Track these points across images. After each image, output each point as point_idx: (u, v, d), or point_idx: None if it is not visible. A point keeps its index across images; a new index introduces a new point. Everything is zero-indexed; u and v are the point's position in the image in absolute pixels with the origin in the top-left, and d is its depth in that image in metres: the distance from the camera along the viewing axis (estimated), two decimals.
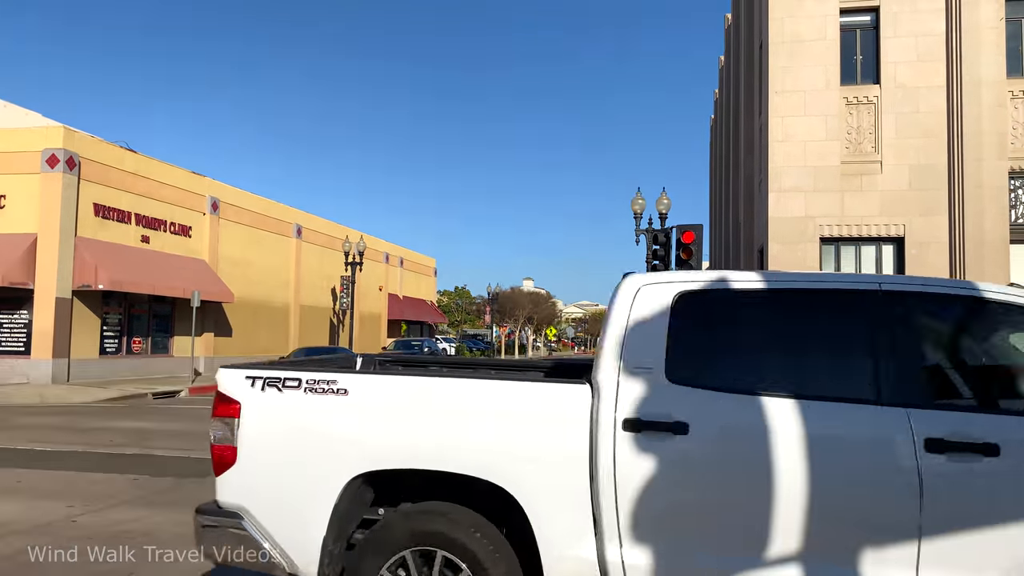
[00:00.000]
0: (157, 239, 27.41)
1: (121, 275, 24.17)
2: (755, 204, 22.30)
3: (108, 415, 16.35)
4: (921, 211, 17.88)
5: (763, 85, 20.20)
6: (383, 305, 47.59)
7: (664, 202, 21.29)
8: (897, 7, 18.26)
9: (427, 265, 57.56)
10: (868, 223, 18.12)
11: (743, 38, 26.10)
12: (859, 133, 18.39)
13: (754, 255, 22.44)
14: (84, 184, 24.08)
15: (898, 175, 18.04)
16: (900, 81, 18.17)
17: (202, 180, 30.40)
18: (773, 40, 18.85)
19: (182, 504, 7.83)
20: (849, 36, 18.67)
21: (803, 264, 18.26)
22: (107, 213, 25.06)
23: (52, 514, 7.29)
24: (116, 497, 8.09)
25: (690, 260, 18.08)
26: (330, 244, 40.69)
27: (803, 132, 18.48)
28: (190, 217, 29.28)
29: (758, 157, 21.62)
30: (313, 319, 39.09)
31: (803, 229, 18.35)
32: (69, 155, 23.42)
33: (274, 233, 35.55)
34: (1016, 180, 17.94)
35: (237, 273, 31.90)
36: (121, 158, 26.01)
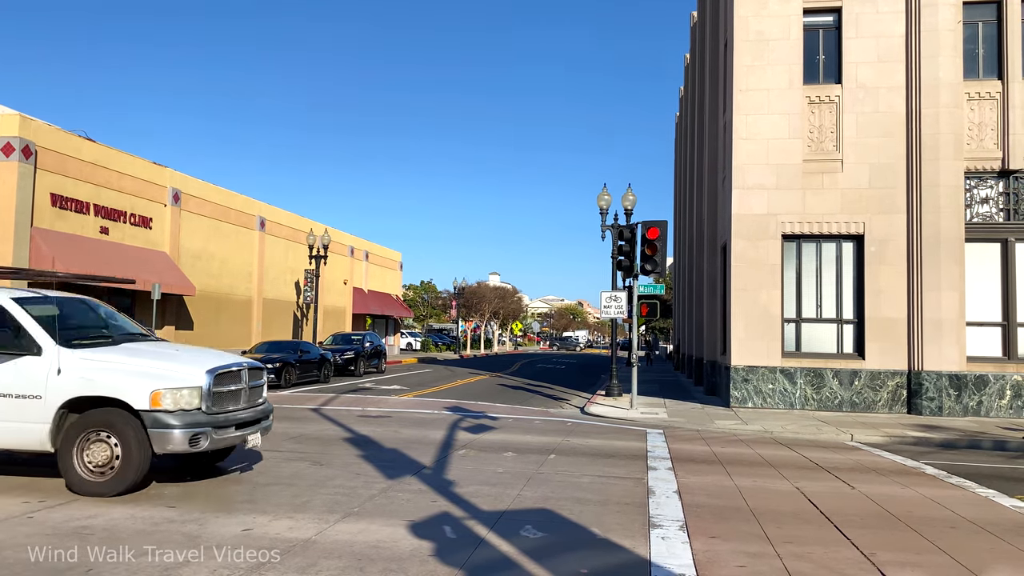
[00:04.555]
0: (117, 230, 26.91)
1: (79, 267, 23.67)
2: (719, 201, 22.54)
3: None
4: (880, 209, 18.22)
5: (728, 83, 20.40)
6: (348, 299, 47.25)
7: (630, 198, 21.42)
8: (859, 8, 18.57)
9: (393, 259, 57.24)
10: (829, 220, 18.42)
11: (708, 36, 26.32)
12: (821, 132, 18.68)
13: (717, 252, 22.69)
14: (40, 174, 23.53)
15: (858, 174, 18.36)
16: (861, 81, 18.48)
17: (163, 171, 29.89)
18: (738, 38, 19.05)
19: (142, 500, 7.73)
20: (812, 36, 18.94)
21: (765, 260, 18.51)
22: (65, 203, 24.53)
23: (7, 510, 7.14)
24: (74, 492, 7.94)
25: (655, 256, 18.21)
26: (294, 237, 40.29)
27: (766, 130, 18.71)
28: (151, 208, 28.78)
29: (722, 154, 21.85)
30: (277, 313, 38.69)
31: (765, 226, 18.60)
32: (25, 144, 22.87)
33: (237, 225, 35.10)
34: (972, 180, 18.37)
35: (199, 266, 31.45)
36: (79, 147, 25.47)
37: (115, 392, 7.79)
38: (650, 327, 75.21)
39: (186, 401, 7.90)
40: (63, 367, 7.85)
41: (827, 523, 7.51)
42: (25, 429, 7.82)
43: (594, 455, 11.47)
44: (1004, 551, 6.65)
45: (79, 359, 7.93)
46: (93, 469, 7.77)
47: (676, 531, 6.91)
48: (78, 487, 7.74)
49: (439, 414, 16.74)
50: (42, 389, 7.81)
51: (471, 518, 7.30)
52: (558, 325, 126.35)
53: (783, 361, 18.44)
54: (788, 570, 5.91)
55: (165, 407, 7.79)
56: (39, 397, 7.80)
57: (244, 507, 7.51)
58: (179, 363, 8.33)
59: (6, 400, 7.85)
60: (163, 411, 7.78)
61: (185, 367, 8.21)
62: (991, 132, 18.18)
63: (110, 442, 7.79)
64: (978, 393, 17.61)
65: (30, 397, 7.81)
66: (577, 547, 6.43)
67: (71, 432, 7.82)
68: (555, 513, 7.59)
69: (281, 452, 10.95)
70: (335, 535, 6.58)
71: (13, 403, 7.83)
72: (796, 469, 10.81)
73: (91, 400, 7.87)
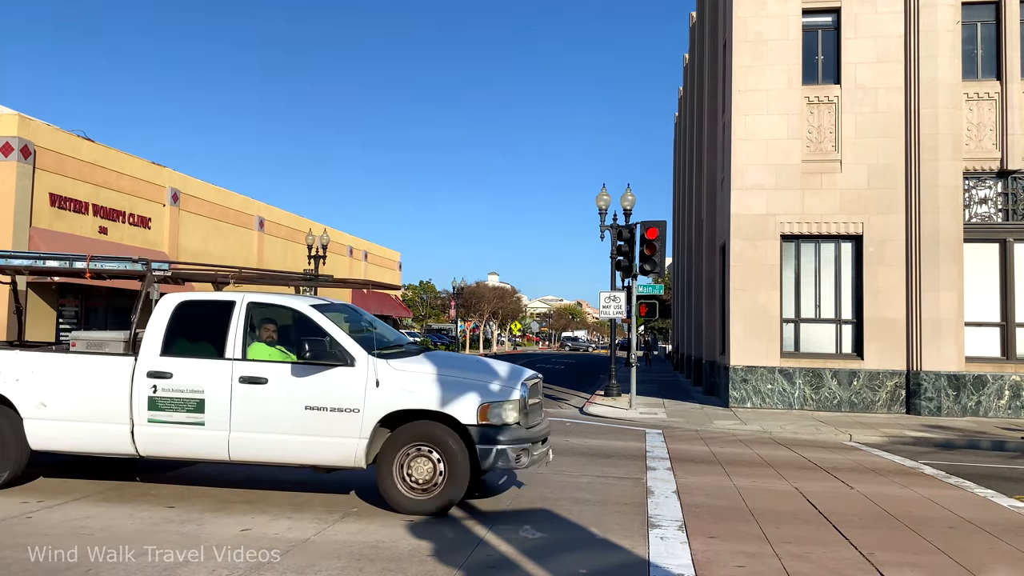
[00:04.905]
0: (116, 230, 26.88)
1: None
2: (718, 201, 22.55)
3: None
4: (879, 210, 18.23)
5: (727, 83, 20.41)
6: (347, 299, 47.28)
7: (629, 198, 21.42)
8: (858, 8, 18.58)
9: (391, 259, 57.21)
10: (827, 221, 18.43)
11: (707, 37, 26.33)
12: (820, 132, 18.69)
13: (716, 252, 22.70)
14: (39, 173, 23.51)
15: (857, 174, 18.37)
16: (860, 81, 18.49)
17: (162, 171, 29.87)
18: (737, 39, 19.05)
19: (140, 500, 7.73)
20: (811, 36, 18.95)
21: (764, 260, 18.52)
22: (63, 203, 24.51)
23: (6, 510, 7.14)
24: (73, 493, 7.94)
25: (654, 256, 18.21)
26: (293, 237, 40.26)
27: (765, 130, 18.72)
28: (150, 208, 28.76)
29: (721, 154, 21.86)
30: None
31: (764, 226, 18.60)
32: (24, 143, 22.86)
33: (236, 225, 35.07)
34: (970, 180, 18.38)
35: None
36: (78, 147, 25.44)
37: (441, 405, 7.31)
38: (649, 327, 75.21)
39: (508, 415, 7.42)
40: (381, 379, 7.38)
41: (826, 523, 7.52)
42: (339, 444, 7.35)
43: (593, 455, 11.48)
44: (1002, 551, 6.66)
45: (393, 370, 7.45)
46: (414, 485, 7.29)
47: (675, 531, 6.92)
48: (398, 503, 7.29)
49: None
50: (360, 402, 7.33)
51: (470, 518, 7.30)
52: (557, 325, 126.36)
53: (782, 361, 18.45)
54: (787, 570, 5.92)
55: (491, 421, 7.31)
56: (356, 410, 7.31)
57: (243, 507, 7.51)
58: (489, 374, 7.88)
59: (318, 414, 7.37)
60: (490, 426, 7.31)
61: (499, 379, 7.75)
62: (990, 132, 18.19)
63: (432, 457, 7.29)
64: (976, 393, 17.62)
65: (347, 410, 7.33)
66: (576, 547, 6.44)
67: (389, 447, 7.35)
68: (554, 513, 7.59)
69: None
70: (334, 535, 6.58)
71: (327, 416, 7.35)
72: (795, 469, 10.82)
73: (411, 413, 7.40)
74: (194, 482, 8.71)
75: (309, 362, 7.42)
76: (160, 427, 7.56)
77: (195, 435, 7.52)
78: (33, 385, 7.78)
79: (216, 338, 7.71)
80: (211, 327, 7.81)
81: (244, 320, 7.76)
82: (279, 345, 7.85)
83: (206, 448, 7.56)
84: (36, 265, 9.12)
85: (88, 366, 7.81)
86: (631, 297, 19.79)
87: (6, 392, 7.82)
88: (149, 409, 7.56)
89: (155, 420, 7.56)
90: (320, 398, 7.39)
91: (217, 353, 7.66)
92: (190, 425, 7.52)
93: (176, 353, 7.70)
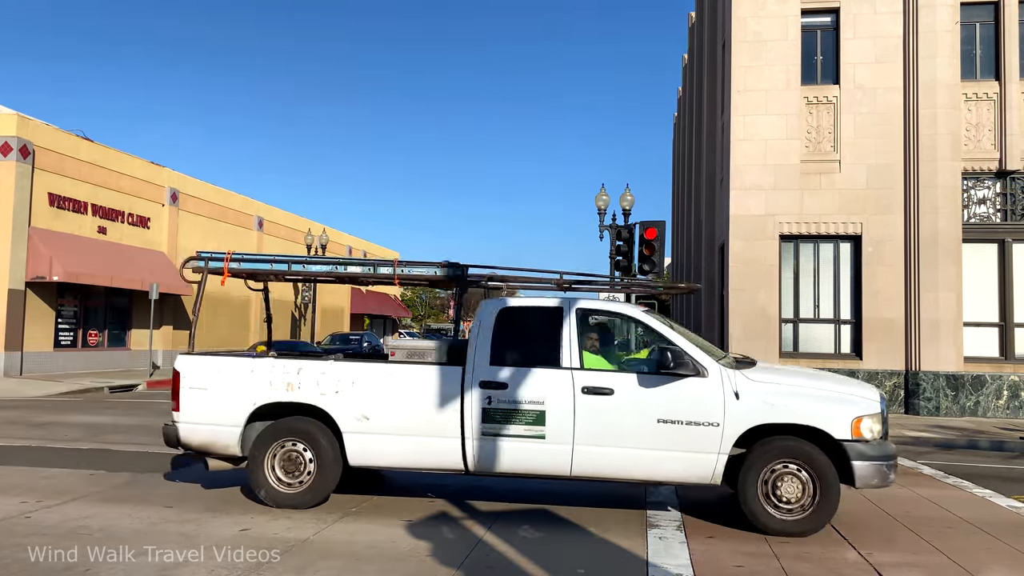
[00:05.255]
0: (115, 230, 26.89)
1: (77, 267, 23.66)
2: (716, 201, 22.56)
3: (63, 409, 16.03)
4: (878, 210, 18.24)
5: (725, 83, 20.42)
6: (346, 299, 47.27)
7: (628, 198, 21.42)
8: (857, 9, 18.59)
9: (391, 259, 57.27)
10: (826, 221, 18.44)
11: (706, 36, 26.35)
12: (819, 132, 18.70)
13: (715, 252, 22.71)
14: (38, 173, 23.52)
15: (856, 174, 18.38)
16: (859, 82, 18.50)
17: (161, 171, 29.88)
18: (736, 39, 19.06)
19: (139, 500, 7.73)
20: (810, 37, 18.97)
21: (763, 261, 18.53)
22: (62, 203, 24.52)
23: (4, 510, 7.14)
24: (71, 493, 7.95)
25: (653, 256, 18.22)
26: (292, 237, 40.28)
27: (764, 131, 18.73)
28: (149, 208, 28.77)
29: (720, 155, 21.87)
30: (275, 312, 38.59)
31: (763, 227, 18.61)
32: (23, 143, 22.86)
33: (235, 225, 35.10)
34: (969, 180, 18.40)
35: None
36: (77, 147, 25.45)
37: (810, 419, 6.83)
38: None
39: (876, 428, 6.96)
40: (739, 390, 6.92)
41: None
42: (697, 460, 6.92)
43: None
44: (1001, 551, 6.67)
45: (749, 381, 7.01)
46: (781, 506, 6.85)
47: (673, 531, 6.92)
48: (766, 526, 6.85)
49: None
50: (719, 415, 6.87)
51: (469, 518, 7.31)
52: None
53: (780, 361, 18.42)
54: (785, 570, 5.93)
55: (864, 436, 6.84)
56: (716, 424, 6.87)
57: (241, 507, 7.51)
58: (843, 384, 7.40)
59: (673, 427, 6.93)
60: (863, 440, 6.84)
61: (855, 389, 7.26)
62: (988, 133, 18.21)
63: (801, 476, 6.84)
64: (975, 393, 17.64)
65: (705, 424, 6.89)
66: (575, 547, 6.44)
67: (752, 464, 6.90)
68: (553, 513, 7.60)
69: None
70: (333, 535, 6.59)
71: (683, 431, 6.93)
72: None
73: (768, 428, 6.95)
74: (193, 482, 8.71)
75: (657, 372, 7.01)
76: (495, 441, 7.13)
77: (534, 449, 7.10)
78: (354, 397, 7.33)
79: (547, 346, 7.31)
80: (540, 335, 7.46)
81: (577, 327, 7.32)
82: (599, 353, 7.52)
83: (546, 463, 7.13)
84: (337, 271, 8.73)
85: (413, 376, 7.38)
86: (630, 297, 19.79)
87: (325, 405, 7.37)
88: (483, 422, 7.14)
89: (489, 433, 7.14)
90: (674, 411, 6.95)
91: (552, 362, 7.23)
92: (529, 439, 7.09)
93: (507, 362, 7.28)
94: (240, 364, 7.61)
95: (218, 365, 7.68)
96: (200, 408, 7.55)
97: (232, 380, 7.54)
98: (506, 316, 7.52)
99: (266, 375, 7.45)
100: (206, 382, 7.58)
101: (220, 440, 7.51)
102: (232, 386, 7.52)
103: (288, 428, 7.46)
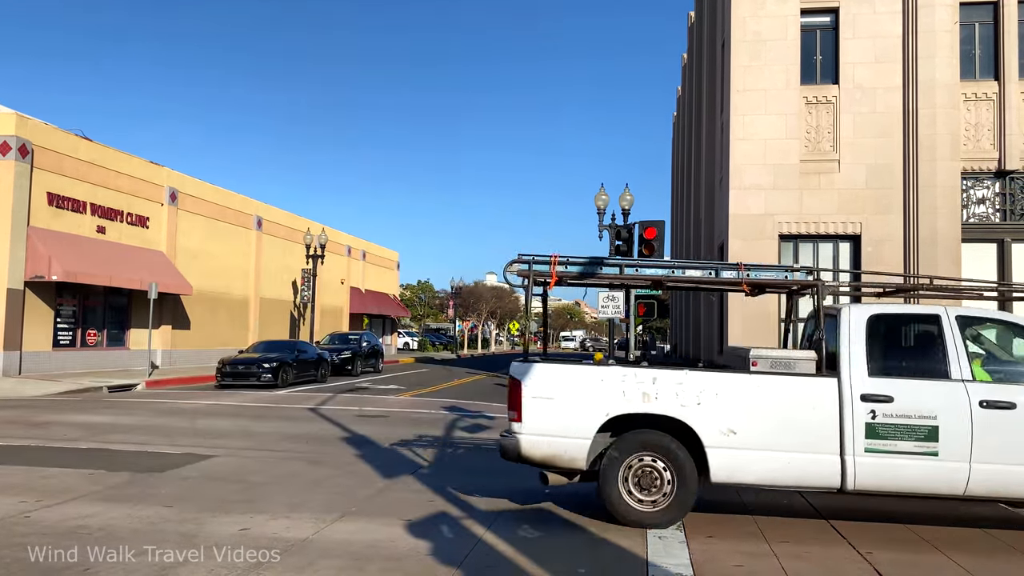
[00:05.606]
0: (113, 230, 26.86)
1: (76, 266, 23.64)
2: (716, 201, 22.57)
3: (62, 409, 16.02)
4: (877, 210, 18.25)
5: (725, 83, 20.43)
6: (345, 299, 47.22)
7: (627, 198, 21.44)
8: (856, 9, 18.60)
9: (390, 259, 57.19)
10: (826, 220, 18.44)
11: (706, 36, 26.35)
12: (818, 132, 18.71)
13: (714, 251, 22.71)
14: (37, 173, 23.49)
15: (855, 174, 18.39)
16: (858, 82, 18.51)
17: (160, 170, 29.85)
18: (735, 39, 19.07)
19: (138, 499, 7.72)
20: (809, 36, 18.97)
21: (762, 260, 18.52)
22: (61, 203, 24.49)
23: (3, 509, 7.13)
24: (71, 492, 7.94)
25: (652, 255, 18.22)
26: (291, 236, 40.24)
27: (763, 130, 18.73)
28: (148, 208, 28.74)
29: (719, 154, 21.87)
30: (274, 312, 38.64)
31: (762, 226, 18.62)
32: (22, 143, 22.83)
33: (234, 225, 35.05)
34: (968, 180, 18.41)
35: (196, 265, 31.40)
36: (76, 146, 25.42)
37: None
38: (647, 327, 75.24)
39: None
40: None
41: (824, 522, 7.53)
42: None
43: None
44: (1000, 551, 6.67)
45: None
46: None
47: (673, 531, 6.93)
48: None
49: (436, 413, 16.74)
50: None
51: (468, 517, 7.31)
52: (555, 325, 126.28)
53: None
54: (785, 569, 5.93)
55: None
56: None
57: (241, 506, 7.51)
58: None
59: None
60: None
61: None
62: (988, 133, 18.23)
63: None
64: None
65: None
66: (575, 546, 6.45)
67: None
68: (552, 512, 7.60)
69: (278, 452, 10.95)
70: (333, 534, 6.59)
71: None
72: None
73: None
74: (192, 482, 8.71)
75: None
76: (880, 457, 6.74)
77: (924, 466, 6.70)
78: (718, 409, 6.90)
79: (931, 356, 7.01)
80: (920, 343, 7.23)
81: (960, 335, 6.99)
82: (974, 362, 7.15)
83: (937, 481, 6.73)
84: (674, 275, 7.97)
85: (783, 388, 6.97)
86: (629, 297, 19.80)
87: (686, 417, 6.93)
88: (867, 437, 6.73)
89: (874, 450, 6.74)
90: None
91: (939, 374, 6.89)
92: (919, 456, 6.70)
93: (888, 373, 6.92)
94: (589, 372, 7.18)
95: (566, 373, 7.25)
96: (546, 419, 7.10)
97: (581, 389, 7.11)
98: (877, 324, 7.17)
99: (618, 384, 7.04)
100: (552, 391, 7.13)
101: (566, 453, 7.07)
102: (581, 396, 7.09)
103: (642, 442, 7.07)
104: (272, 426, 13.90)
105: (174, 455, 10.41)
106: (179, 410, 16.31)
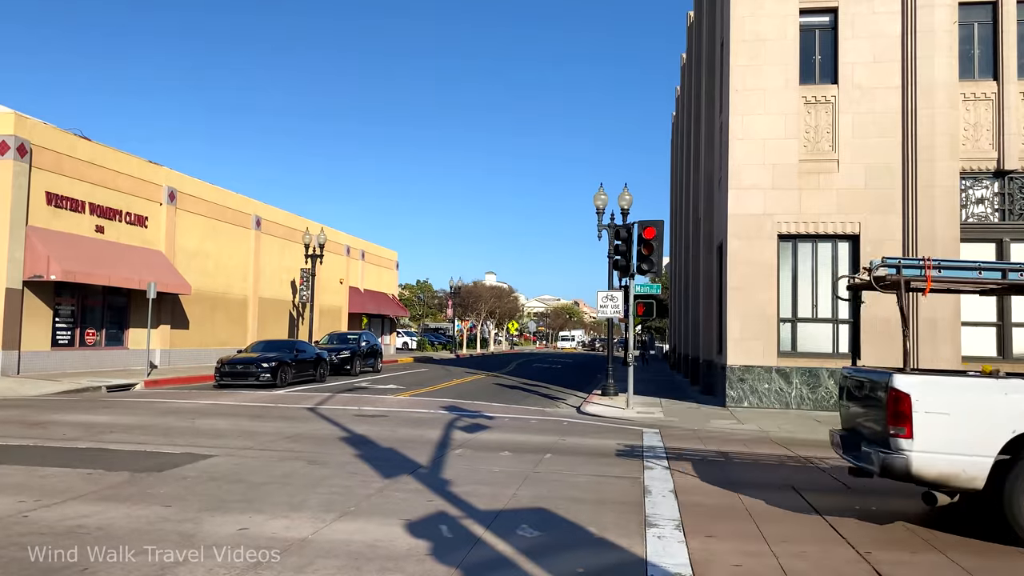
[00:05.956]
0: (112, 229, 26.84)
1: (74, 266, 23.62)
2: (715, 200, 22.57)
3: (60, 408, 16.01)
4: (876, 209, 18.26)
5: (724, 83, 20.43)
6: (344, 298, 47.19)
7: (626, 198, 21.43)
8: (855, 8, 18.60)
9: (389, 258, 57.17)
10: (825, 220, 18.45)
11: (705, 36, 26.35)
12: (817, 132, 18.71)
13: (714, 251, 22.72)
14: (36, 172, 23.47)
15: (854, 174, 18.40)
16: (857, 81, 18.52)
17: (159, 169, 29.82)
18: (734, 38, 19.07)
19: (137, 499, 7.72)
20: (808, 36, 18.98)
21: (761, 260, 18.54)
22: (60, 202, 24.46)
23: (2, 509, 7.12)
24: (69, 492, 7.93)
25: (651, 255, 18.22)
26: (290, 236, 40.22)
27: (763, 130, 18.74)
28: (146, 207, 28.72)
29: (718, 154, 21.87)
30: (273, 312, 38.63)
31: (761, 226, 18.62)
32: (20, 142, 22.81)
33: (233, 224, 35.03)
34: (967, 180, 18.42)
35: (195, 264, 31.39)
36: (74, 146, 25.40)
37: None
38: (646, 327, 75.26)
39: None
40: None
41: (823, 522, 7.53)
42: None
43: (590, 454, 11.48)
44: (999, 550, 6.67)
45: None
46: None
47: (672, 530, 6.93)
48: None
49: (435, 413, 16.74)
50: None
51: (467, 517, 7.30)
52: (554, 325, 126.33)
53: (779, 361, 18.47)
54: (784, 569, 5.93)
55: None
56: None
57: (240, 506, 7.50)
58: None
59: None
60: None
61: None
62: (986, 133, 18.23)
63: None
64: None
65: None
66: (573, 546, 6.44)
67: None
68: (551, 512, 7.59)
69: (277, 451, 10.94)
70: (332, 534, 6.58)
71: None
72: (792, 469, 10.83)
73: None
74: (191, 481, 8.70)
75: None
76: None
77: None
78: None
79: None
80: None
81: None
82: None
83: None
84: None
85: None
86: (628, 296, 19.80)
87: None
88: None
89: None
90: None
91: None
92: None
93: None
94: (990, 385, 6.78)
95: (963, 387, 6.87)
96: (943, 436, 6.68)
97: (981, 404, 6.71)
98: None
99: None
100: (947, 406, 6.71)
101: (965, 472, 6.65)
102: (982, 411, 6.69)
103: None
104: (271, 426, 13.90)
105: (173, 455, 10.40)
106: (178, 410, 16.30)
